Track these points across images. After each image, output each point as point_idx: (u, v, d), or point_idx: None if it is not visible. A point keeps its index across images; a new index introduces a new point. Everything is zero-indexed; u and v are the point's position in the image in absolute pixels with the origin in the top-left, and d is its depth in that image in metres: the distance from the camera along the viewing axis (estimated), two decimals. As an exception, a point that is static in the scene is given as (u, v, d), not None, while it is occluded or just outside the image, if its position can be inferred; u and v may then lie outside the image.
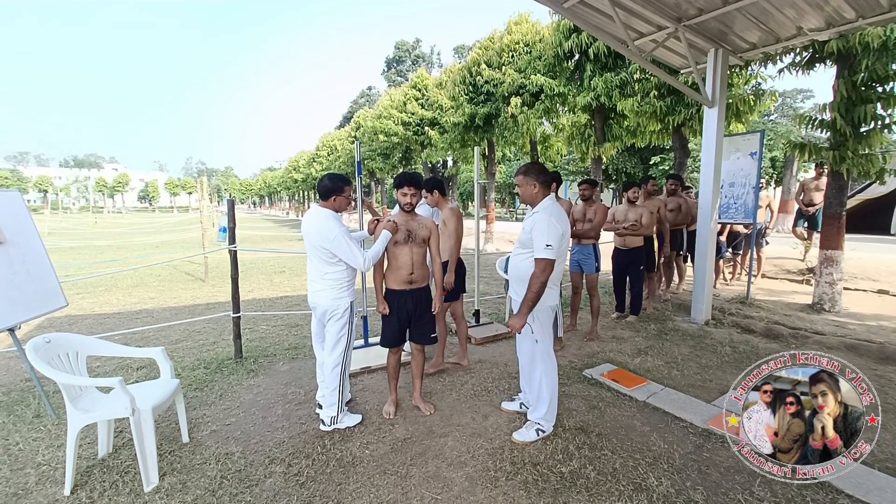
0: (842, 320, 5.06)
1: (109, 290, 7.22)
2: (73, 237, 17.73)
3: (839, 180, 5.37)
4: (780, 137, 20.97)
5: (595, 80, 8.06)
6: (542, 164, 2.67)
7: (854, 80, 4.92)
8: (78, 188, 74.46)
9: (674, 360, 3.93)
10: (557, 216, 2.52)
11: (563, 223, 2.54)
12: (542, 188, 2.59)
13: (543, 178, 2.59)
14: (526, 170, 2.63)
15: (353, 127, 27.88)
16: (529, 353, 2.70)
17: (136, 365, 3.87)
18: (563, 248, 2.56)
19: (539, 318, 2.60)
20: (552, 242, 2.43)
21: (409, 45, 69.84)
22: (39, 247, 3.22)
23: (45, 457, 2.52)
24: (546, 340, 2.64)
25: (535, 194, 2.59)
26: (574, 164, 25.21)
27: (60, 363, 2.35)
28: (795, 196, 7.31)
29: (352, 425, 2.81)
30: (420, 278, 2.90)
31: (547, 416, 2.66)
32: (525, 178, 2.60)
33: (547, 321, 2.65)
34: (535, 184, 2.58)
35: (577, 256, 4.55)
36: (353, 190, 2.90)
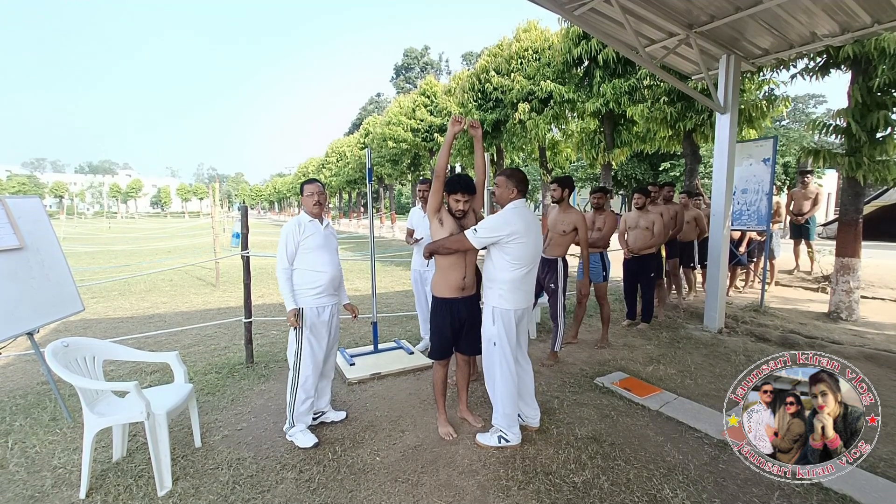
0: (860, 329, 4.96)
1: (123, 295, 7.33)
2: (87, 242, 18.07)
3: (855, 187, 5.29)
4: (793, 143, 20.73)
5: (604, 87, 8.06)
6: (524, 174, 2.72)
7: (870, 85, 4.86)
8: (92, 194, 75.96)
9: (687, 369, 3.87)
10: (512, 216, 2.52)
11: (514, 224, 2.49)
12: (518, 194, 2.66)
13: (522, 187, 2.66)
14: (510, 174, 2.68)
15: (361, 133, 28.16)
16: (488, 356, 2.67)
17: (149, 369, 3.91)
18: (514, 248, 2.51)
19: (500, 319, 2.58)
20: (480, 230, 2.49)
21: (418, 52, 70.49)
22: (58, 252, 3.28)
23: (61, 460, 2.55)
24: (506, 345, 2.60)
25: (509, 197, 2.66)
26: (583, 170, 25.13)
27: (78, 367, 2.39)
28: (786, 207, 7.22)
29: (301, 446, 2.65)
30: (471, 284, 2.78)
31: (505, 423, 2.62)
32: (507, 181, 2.65)
33: (510, 326, 2.59)
34: (514, 189, 2.64)
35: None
36: (316, 189, 2.81)
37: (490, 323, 2.63)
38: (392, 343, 4.47)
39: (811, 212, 6.99)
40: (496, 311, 2.60)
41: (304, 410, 2.73)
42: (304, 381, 2.71)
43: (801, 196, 7.06)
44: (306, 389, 2.72)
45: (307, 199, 2.85)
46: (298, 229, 2.78)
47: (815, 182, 7.95)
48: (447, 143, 2.60)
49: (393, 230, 22.10)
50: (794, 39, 4.67)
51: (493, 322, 2.61)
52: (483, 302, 2.73)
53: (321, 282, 2.78)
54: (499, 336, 2.60)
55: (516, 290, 2.59)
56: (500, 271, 2.58)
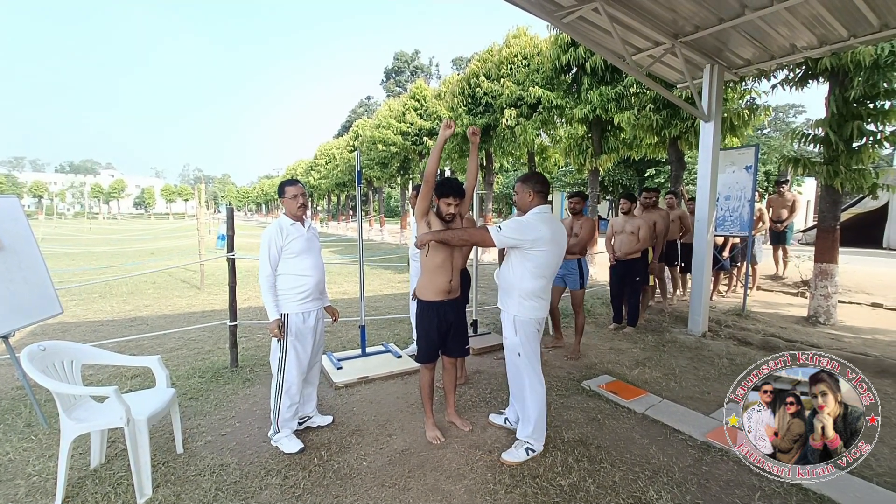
0: (837, 333, 5.09)
1: (104, 298, 7.15)
2: (67, 243, 17.60)
3: (833, 194, 5.45)
4: (774, 151, 21.25)
5: (592, 93, 8.18)
6: (543, 175, 2.70)
7: (846, 96, 5.02)
8: (73, 194, 74.17)
9: (672, 372, 3.93)
10: (537, 221, 2.49)
11: (539, 230, 2.45)
12: (538, 197, 2.62)
13: (540, 189, 2.62)
14: (525, 178, 2.67)
15: (351, 136, 28.04)
16: (514, 368, 2.63)
17: (129, 374, 3.82)
18: (536, 255, 2.46)
19: (522, 330, 2.54)
20: (505, 229, 2.45)
21: (408, 56, 70.62)
22: (36, 253, 3.19)
23: (36, 467, 2.47)
24: (531, 354, 2.57)
25: (529, 202, 2.63)
26: (571, 175, 25.38)
27: (55, 372, 2.32)
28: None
29: (286, 451, 2.60)
30: (457, 287, 2.77)
31: (534, 434, 2.56)
32: (523, 186, 2.65)
33: (532, 335, 2.57)
34: (530, 192, 2.61)
35: (560, 271, 4.24)
36: (300, 191, 2.73)
37: (512, 333, 2.57)
38: (380, 347, 4.45)
39: (789, 219, 7.20)
40: (518, 321, 2.54)
41: (289, 416, 2.68)
42: (289, 388, 2.66)
43: (779, 204, 7.29)
44: (291, 395, 2.67)
45: (290, 201, 2.73)
46: (281, 234, 2.66)
47: (795, 190, 8.17)
48: (438, 147, 2.56)
49: (382, 233, 22.02)
50: (775, 51, 4.81)
51: (514, 332, 2.55)
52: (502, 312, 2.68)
53: (307, 287, 2.71)
54: (522, 346, 2.56)
55: (538, 298, 2.54)
56: (522, 280, 2.51)
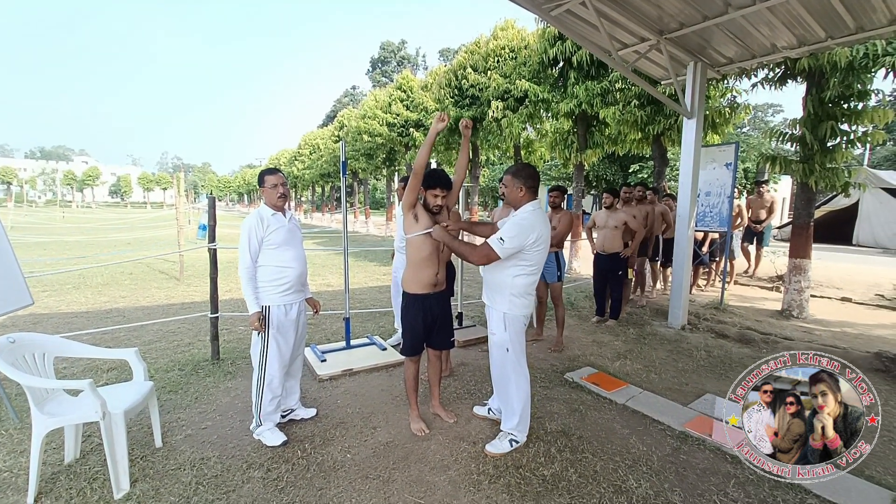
0: (809, 326, 5.28)
1: (78, 288, 6.93)
2: (39, 232, 16.96)
3: (807, 192, 5.62)
4: (753, 149, 21.77)
5: (577, 88, 8.20)
6: (533, 168, 2.58)
7: (822, 97, 5.16)
8: (45, 181, 71.20)
9: (652, 364, 4.02)
10: (534, 220, 2.42)
11: (537, 229, 2.41)
12: (528, 192, 2.51)
13: (531, 183, 2.51)
14: (515, 171, 2.53)
15: (336, 126, 27.56)
16: (500, 363, 2.62)
17: (105, 367, 3.71)
18: (533, 254, 2.43)
19: (512, 326, 2.53)
20: (507, 239, 2.35)
21: (395, 46, 69.67)
22: (4, 242, 3.06)
23: (6, 463, 2.40)
24: (518, 350, 2.57)
25: (520, 197, 2.51)
26: (556, 170, 25.54)
27: (26, 364, 2.24)
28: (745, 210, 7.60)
29: (269, 444, 2.58)
30: (443, 280, 2.76)
31: (519, 426, 2.58)
32: (513, 180, 2.52)
33: (521, 330, 2.56)
34: (521, 187, 2.50)
35: None
36: (280, 181, 2.66)
37: (501, 329, 2.54)
38: (364, 339, 4.43)
39: (768, 220, 7.39)
40: (507, 318, 2.51)
41: (271, 410, 2.65)
42: (271, 381, 2.62)
43: (759, 205, 7.45)
44: (273, 389, 2.64)
45: (270, 190, 2.66)
46: (261, 224, 2.59)
47: (771, 189, 8.38)
48: (429, 140, 2.47)
49: (367, 225, 21.83)
50: (756, 50, 4.90)
51: (504, 328, 2.53)
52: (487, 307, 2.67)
53: (288, 279, 2.66)
54: (511, 342, 2.54)
55: (527, 294, 2.52)
56: (514, 277, 2.47)
